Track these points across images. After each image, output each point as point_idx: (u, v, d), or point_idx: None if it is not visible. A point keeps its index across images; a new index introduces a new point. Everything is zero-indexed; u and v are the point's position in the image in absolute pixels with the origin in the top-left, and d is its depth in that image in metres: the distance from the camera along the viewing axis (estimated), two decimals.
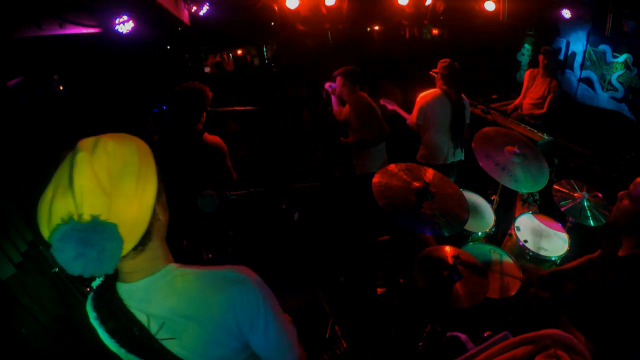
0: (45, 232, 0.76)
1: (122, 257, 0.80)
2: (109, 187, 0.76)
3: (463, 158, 3.40)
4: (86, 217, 0.74)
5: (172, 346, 0.89)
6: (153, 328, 0.88)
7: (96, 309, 0.91)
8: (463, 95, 3.25)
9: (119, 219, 0.77)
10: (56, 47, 2.80)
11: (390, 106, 3.57)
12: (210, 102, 2.44)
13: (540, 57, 4.10)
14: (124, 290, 0.90)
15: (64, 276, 2.30)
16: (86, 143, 0.79)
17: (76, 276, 0.75)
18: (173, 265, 0.94)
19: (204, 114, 2.44)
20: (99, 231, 0.74)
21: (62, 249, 0.72)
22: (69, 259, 0.72)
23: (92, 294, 0.95)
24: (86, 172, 0.75)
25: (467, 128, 3.31)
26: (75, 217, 0.74)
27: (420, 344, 2.21)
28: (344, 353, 2.13)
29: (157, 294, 0.90)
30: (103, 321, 0.90)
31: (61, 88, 3.53)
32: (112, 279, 0.91)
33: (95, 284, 0.91)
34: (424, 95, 3.20)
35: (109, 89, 3.77)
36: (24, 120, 2.87)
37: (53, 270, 2.26)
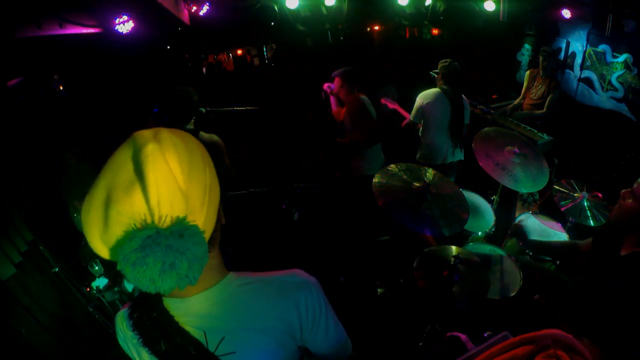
0: (100, 246, 0.65)
1: None
2: (183, 184, 0.65)
3: (463, 158, 3.41)
4: (168, 220, 0.62)
5: None
6: (211, 344, 0.80)
7: (140, 330, 0.79)
8: (463, 95, 3.25)
9: (195, 222, 0.66)
10: (56, 47, 2.80)
11: (391, 105, 3.58)
12: (197, 103, 2.46)
13: (540, 58, 4.11)
14: (176, 306, 0.80)
15: (64, 276, 2.30)
16: (146, 134, 0.67)
17: (77, 276, 0.70)
18: (232, 275, 0.86)
19: (193, 115, 2.47)
20: (188, 235, 0.62)
21: (144, 263, 0.59)
22: (155, 276, 0.60)
23: (126, 313, 0.83)
24: (161, 167, 0.62)
25: (466, 128, 3.32)
26: (155, 220, 0.61)
27: (421, 344, 2.21)
28: None
29: (219, 308, 0.82)
30: (150, 343, 0.78)
31: (61, 88, 3.53)
32: (156, 295, 0.79)
33: (95, 284, 0.87)
34: (424, 95, 3.21)
35: (109, 89, 3.77)
36: (24, 120, 2.87)
37: (53, 270, 2.26)
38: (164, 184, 0.62)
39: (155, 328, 0.79)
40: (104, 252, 0.66)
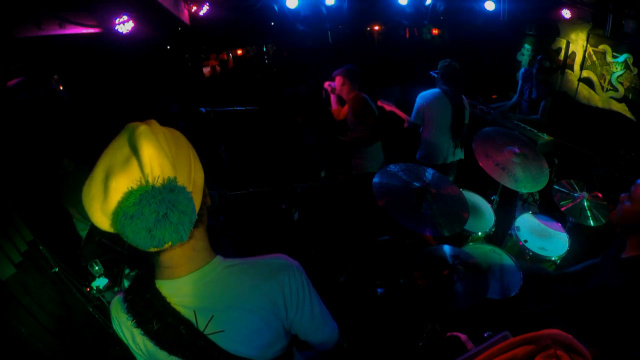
0: (100, 217, 0.72)
1: (171, 245, 0.78)
2: (171, 156, 0.74)
3: (463, 157, 3.41)
4: (160, 180, 0.71)
5: (219, 340, 0.86)
6: (200, 324, 0.85)
7: (133, 311, 0.86)
8: (463, 95, 3.25)
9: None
10: (56, 47, 2.79)
11: (388, 107, 3.57)
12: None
13: (536, 66, 4.10)
14: (168, 287, 0.86)
15: (64, 276, 2.30)
16: (139, 122, 0.76)
17: (77, 276, 0.73)
18: (220, 258, 0.92)
19: None
20: (178, 191, 0.72)
21: (141, 214, 0.68)
22: (150, 224, 0.69)
23: (121, 296, 0.89)
24: (152, 141, 0.71)
25: (466, 127, 3.31)
26: (150, 181, 0.70)
27: (420, 344, 2.21)
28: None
29: (207, 288, 0.87)
30: (143, 324, 0.84)
31: (61, 88, 3.53)
32: (149, 278, 0.88)
33: (95, 284, 0.89)
34: (424, 96, 3.22)
35: (109, 89, 3.77)
36: (24, 120, 2.87)
37: (53, 270, 2.25)
38: (154, 153, 0.71)
39: (148, 308, 0.85)
40: (104, 222, 0.73)
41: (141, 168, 0.70)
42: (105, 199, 0.70)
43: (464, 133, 3.29)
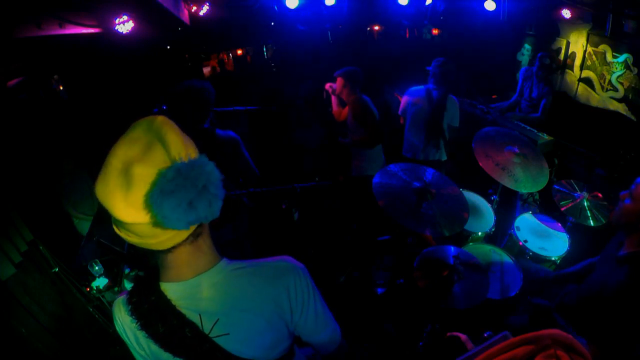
0: (123, 207, 0.71)
1: (180, 243, 0.80)
2: (186, 148, 0.78)
3: (442, 159, 3.40)
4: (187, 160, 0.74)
5: (223, 342, 0.86)
6: (206, 326, 0.85)
7: (138, 314, 0.85)
8: (454, 97, 3.25)
9: None
10: (56, 47, 2.79)
11: (401, 98, 3.61)
12: (213, 99, 2.31)
13: (537, 64, 4.13)
14: (173, 290, 0.85)
15: (64, 276, 2.30)
16: (150, 117, 0.79)
17: (77, 276, 0.73)
18: (225, 260, 0.92)
19: (210, 112, 2.33)
20: (211, 165, 0.76)
21: (183, 187, 0.70)
22: (192, 195, 0.71)
23: (124, 298, 0.88)
24: (174, 128, 0.77)
25: (456, 130, 3.33)
26: (178, 160, 0.73)
27: (420, 343, 2.21)
28: None
29: (213, 290, 0.86)
30: (147, 326, 0.84)
31: (61, 88, 3.53)
32: (154, 280, 0.87)
33: (95, 284, 0.89)
34: (410, 90, 3.31)
35: (109, 89, 3.77)
36: (24, 120, 2.87)
37: (53, 270, 2.25)
38: (178, 138, 0.76)
39: (153, 311, 0.84)
40: (129, 213, 0.72)
41: (167, 151, 0.73)
42: (128, 189, 0.70)
43: (445, 135, 3.29)
